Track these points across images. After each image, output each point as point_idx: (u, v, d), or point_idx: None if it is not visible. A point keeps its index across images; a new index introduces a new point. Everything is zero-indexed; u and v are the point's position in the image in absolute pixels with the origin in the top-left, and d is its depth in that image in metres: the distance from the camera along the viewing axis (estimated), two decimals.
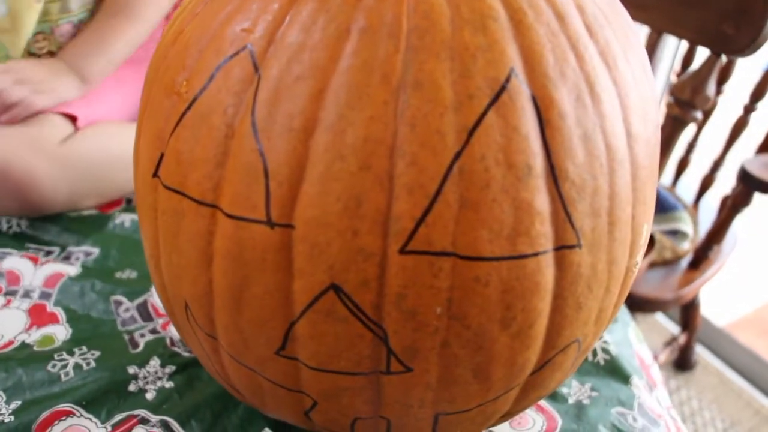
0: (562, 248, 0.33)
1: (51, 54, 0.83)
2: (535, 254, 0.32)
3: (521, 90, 0.31)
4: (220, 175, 0.34)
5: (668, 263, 1.23)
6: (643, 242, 0.40)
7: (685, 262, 1.24)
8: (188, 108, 0.35)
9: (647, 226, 0.40)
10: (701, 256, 1.22)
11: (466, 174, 0.30)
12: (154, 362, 0.56)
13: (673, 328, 1.69)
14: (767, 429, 1.43)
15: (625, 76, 0.36)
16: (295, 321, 0.34)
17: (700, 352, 1.63)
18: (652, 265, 1.22)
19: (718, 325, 1.66)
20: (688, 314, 1.43)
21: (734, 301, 1.80)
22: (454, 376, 0.36)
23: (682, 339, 1.46)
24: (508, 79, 0.31)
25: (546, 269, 0.33)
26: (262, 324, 0.35)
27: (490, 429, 0.52)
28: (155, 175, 0.38)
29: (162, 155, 0.37)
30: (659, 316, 1.73)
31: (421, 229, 0.31)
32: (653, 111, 0.39)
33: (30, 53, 0.81)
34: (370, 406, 0.38)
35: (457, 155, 0.30)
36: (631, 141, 0.36)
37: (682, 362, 1.57)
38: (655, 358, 1.37)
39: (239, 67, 0.34)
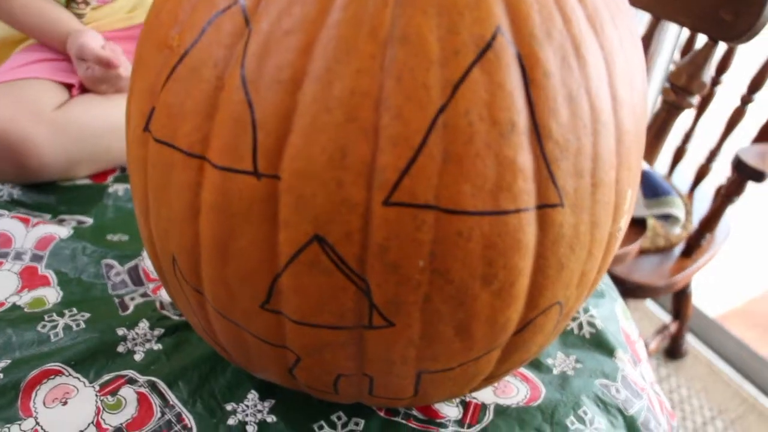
0: (544, 207, 0.34)
1: (86, 3, 0.86)
2: (517, 211, 0.33)
3: (507, 48, 0.32)
4: (209, 127, 0.34)
5: (661, 250, 1.24)
6: (628, 207, 0.40)
7: (678, 250, 1.25)
8: (179, 61, 0.36)
9: (631, 192, 0.40)
10: (694, 245, 1.22)
11: (450, 128, 0.31)
12: (143, 324, 0.56)
13: (665, 317, 1.70)
14: (753, 417, 1.45)
15: (612, 41, 0.36)
16: (280, 273, 0.35)
17: (691, 341, 1.64)
18: (646, 252, 1.23)
19: (710, 315, 1.67)
20: (679, 303, 1.44)
21: (726, 293, 1.81)
22: (436, 332, 0.36)
23: (673, 328, 1.47)
24: (494, 37, 0.31)
25: (528, 227, 0.34)
26: (247, 277, 0.36)
27: (473, 395, 0.52)
28: (146, 129, 0.38)
29: (153, 109, 0.37)
30: (651, 305, 1.74)
31: (404, 181, 0.31)
32: (640, 79, 0.39)
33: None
34: (353, 362, 0.39)
35: (442, 109, 0.31)
36: (617, 105, 0.36)
37: (673, 351, 1.58)
38: (646, 345, 1.38)
39: (230, 21, 0.34)
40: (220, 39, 0.34)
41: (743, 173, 1.07)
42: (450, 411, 0.51)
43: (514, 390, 0.54)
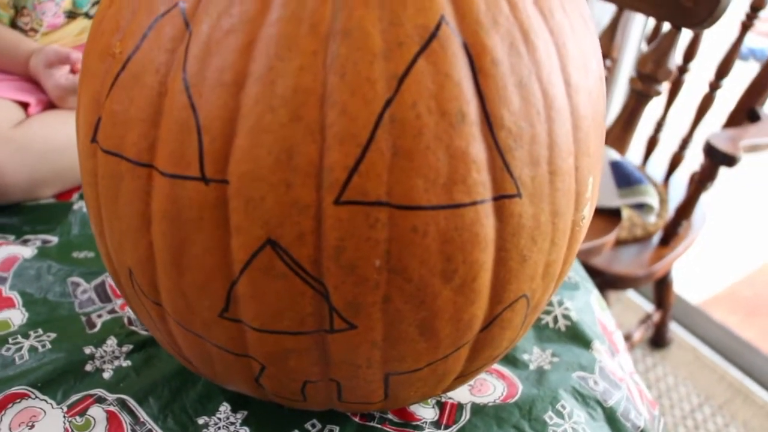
0: (501, 198, 0.33)
1: (34, 30, 0.85)
2: (473, 203, 0.32)
3: (452, 37, 0.31)
4: (154, 134, 0.34)
5: (639, 240, 1.24)
6: (590, 195, 0.40)
7: (656, 239, 1.25)
8: (122, 68, 0.35)
9: (593, 179, 0.40)
10: (671, 233, 1.23)
11: (397, 122, 0.30)
12: (111, 342, 0.55)
13: (648, 307, 1.70)
14: (740, 401, 1.45)
15: (562, 26, 0.36)
16: (236, 280, 0.34)
17: (675, 329, 1.65)
18: (624, 242, 1.23)
19: (692, 302, 1.68)
20: (661, 292, 1.45)
21: (707, 280, 1.82)
22: (399, 332, 0.35)
23: (657, 317, 1.47)
24: (438, 26, 0.31)
25: (486, 219, 0.33)
26: (204, 286, 0.35)
27: (449, 395, 0.52)
28: (93, 140, 0.37)
29: (99, 119, 0.36)
30: (634, 295, 1.74)
31: (354, 179, 0.30)
32: (595, 62, 0.39)
33: (15, 26, 0.84)
34: (319, 367, 0.38)
35: (388, 103, 0.30)
36: (570, 90, 0.36)
37: (658, 340, 1.59)
38: (631, 336, 1.38)
39: (170, 24, 0.33)
40: (161, 43, 0.33)
41: (715, 158, 1.07)
42: (426, 412, 0.50)
43: (490, 388, 0.53)
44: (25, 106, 0.75)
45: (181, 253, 0.34)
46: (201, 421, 0.49)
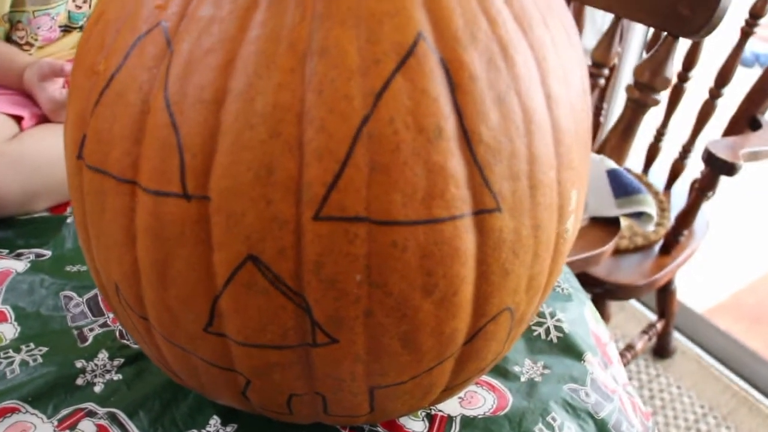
0: (481, 212, 0.33)
1: (29, 44, 0.86)
2: (452, 218, 0.32)
3: (429, 53, 0.31)
4: (137, 151, 0.34)
5: (640, 249, 1.23)
6: (574, 207, 0.40)
7: (657, 248, 1.24)
8: (106, 86, 0.35)
9: (576, 192, 0.40)
10: (672, 242, 1.22)
11: (375, 138, 0.30)
12: (102, 355, 0.55)
13: (651, 316, 1.69)
14: (745, 411, 1.44)
15: (542, 40, 0.36)
16: (219, 295, 0.34)
17: (678, 338, 1.64)
18: (625, 252, 1.22)
19: (696, 311, 1.67)
20: (664, 301, 1.44)
21: (711, 288, 1.81)
22: (382, 346, 0.36)
23: (660, 326, 1.47)
24: (415, 43, 0.31)
25: (465, 234, 0.33)
26: (188, 300, 0.35)
27: (439, 408, 0.52)
28: (79, 156, 0.38)
29: (84, 136, 0.37)
30: (636, 305, 1.74)
31: (332, 195, 0.31)
32: (577, 75, 0.39)
33: (11, 40, 0.85)
34: (303, 381, 0.38)
35: (365, 119, 0.30)
36: (551, 104, 0.36)
37: (661, 349, 1.58)
38: (633, 345, 1.38)
39: (152, 43, 0.34)
40: (144, 62, 0.34)
41: (715, 167, 1.07)
42: (415, 425, 0.50)
43: (480, 400, 0.53)
44: (18, 119, 0.76)
45: (165, 269, 0.35)
46: None
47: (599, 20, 1.69)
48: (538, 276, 0.39)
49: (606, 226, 1.04)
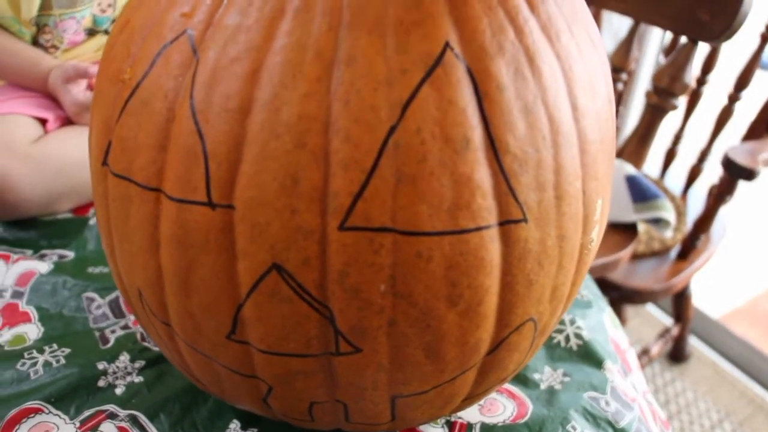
0: (507, 223, 0.33)
1: (55, 47, 0.87)
2: (478, 229, 0.32)
3: (457, 63, 0.31)
4: (163, 159, 0.34)
5: (657, 254, 1.23)
6: (598, 218, 0.39)
7: (674, 253, 1.24)
8: (131, 94, 0.35)
9: (601, 202, 0.39)
10: (689, 246, 1.21)
11: (401, 148, 0.30)
12: (124, 357, 0.55)
13: (667, 320, 1.68)
14: (762, 418, 1.43)
15: (569, 49, 0.35)
16: (242, 303, 0.34)
17: (694, 344, 1.63)
18: (641, 256, 1.22)
19: (712, 316, 1.66)
20: (680, 306, 1.43)
21: (727, 293, 1.80)
22: (405, 356, 0.35)
23: (675, 331, 1.46)
24: (443, 53, 0.31)
25: (491, 245, 0.33)
26: (211, 308, 0.35)
27: (458, 415, 0.52)
28: (104, 163, 0.38)
29: (110, 143, 0.37)
30: (652, 309, 1.72)
31: (358, 205, 0.31)
32: (603, 85, 0.38)
33: (37, 43, 0.86)
34: (325, 389, 0.38)
35: (392, 129, 0.30)
36: (578, 114, 0.35)
37: (676, 354, 1.57)
38: (649, 350, 1.37)
39: (178, 51, 0.34)
40: (170, 70, 0.34)
41: (733, 172, 1.06)
42: None
43: (500, 407, 0.53)
44: (43, 122, 0.77)
45: (189, 276, 0.35)
46: None
47: (615, 23, 1.68)
48: (561, 286, 0.38)
49: (624, 231, 1.04)
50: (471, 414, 0.52)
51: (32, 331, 0.58)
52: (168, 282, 0.36)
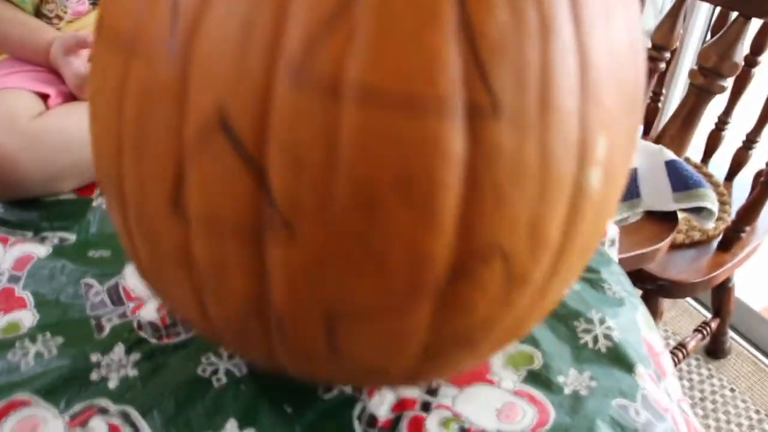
0: (475, 115, 0.30)
1: (59, 18, 0.85)
2: (441, 108, 0.29)
3: None
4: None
5: (697, 244, 1.16)
6: (600, 157, 0.35)
7: (715, 244, 1.17)
8: None
9: (606, 140, 0.35)
10: (732, 237, 1.15)
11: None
12: (119, 349, 0.53)
13: (705, 311, 1.61)
14: None
15: None
16: (184, 160, 0.33)
17: (734, 338, 1.55)
18: (679, 246, 1.15)
19: (755, 309, 1.58)
20: (720, 298, 1.36)
21: None
22: (343, 249, 0.32)
23: (714, 325, 1.39)
24: None
25: (454, 134, 0.30)
26: (158, 164, 0.35)
27: (473, 421, 0.47)
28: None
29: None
30: (690, 300, 1.65)
31: (312, 59, 0.29)
32: (622, 21, 0.35)
33: (40, 13, 0.85)
34: (258, 287, 0.35)
35: None
36: (579, 27, 0.32)
37: (715, 349, 1.50)
38: (685, 344, 1.31)
39: None
40: None
41: None
42: None
43: (519, 413, 0.49)
44: (45, 97, 0.74)
45: (142, 133, 0.35)
46: None
47: (659, 0, 1.61)
48: (542, 222, 0.34)
49: (662, 221, 0.98)
50: (487, 420, 0.48)
51: (27, 317, 0.56)
52: (125, 143, 0.36)
